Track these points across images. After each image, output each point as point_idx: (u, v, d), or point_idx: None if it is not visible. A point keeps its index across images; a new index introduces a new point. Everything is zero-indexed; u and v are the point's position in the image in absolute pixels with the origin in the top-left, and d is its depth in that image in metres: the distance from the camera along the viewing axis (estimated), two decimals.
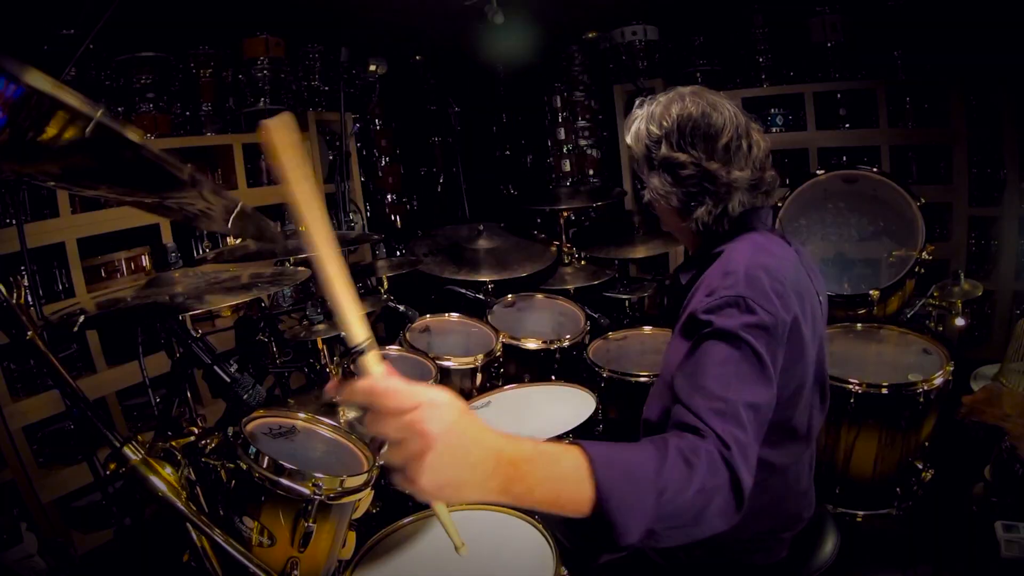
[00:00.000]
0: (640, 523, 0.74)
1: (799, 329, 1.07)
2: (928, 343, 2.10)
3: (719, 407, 0.88)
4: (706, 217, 1.22)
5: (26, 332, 0.85)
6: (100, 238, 2.34)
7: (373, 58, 3.12)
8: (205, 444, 1.23)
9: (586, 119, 3.71)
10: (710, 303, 1.02)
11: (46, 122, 0.53)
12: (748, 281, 1.03)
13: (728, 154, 1.18)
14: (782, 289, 1.05)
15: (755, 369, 0.95)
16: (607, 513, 0.72)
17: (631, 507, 0.73)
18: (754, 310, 0.99)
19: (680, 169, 1.19)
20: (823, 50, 3.11)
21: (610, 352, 2.37)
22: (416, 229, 3.81)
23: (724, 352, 0.95)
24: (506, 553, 1.29)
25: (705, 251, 1.25)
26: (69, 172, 0.68)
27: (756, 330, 0.97)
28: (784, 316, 1.02)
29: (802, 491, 1.28)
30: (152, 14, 2.47)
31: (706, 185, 1.19)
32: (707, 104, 1.19)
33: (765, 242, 1.19)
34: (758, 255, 1.12)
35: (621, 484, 0.73)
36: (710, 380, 0.92)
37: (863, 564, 1.95)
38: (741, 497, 0.82)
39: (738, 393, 0.90)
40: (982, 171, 2.88)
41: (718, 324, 0.97)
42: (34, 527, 2.00)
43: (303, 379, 2.42)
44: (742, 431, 0.87)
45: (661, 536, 0.77)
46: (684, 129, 1.18)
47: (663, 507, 0.75)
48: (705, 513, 0.79)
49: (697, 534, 0.80)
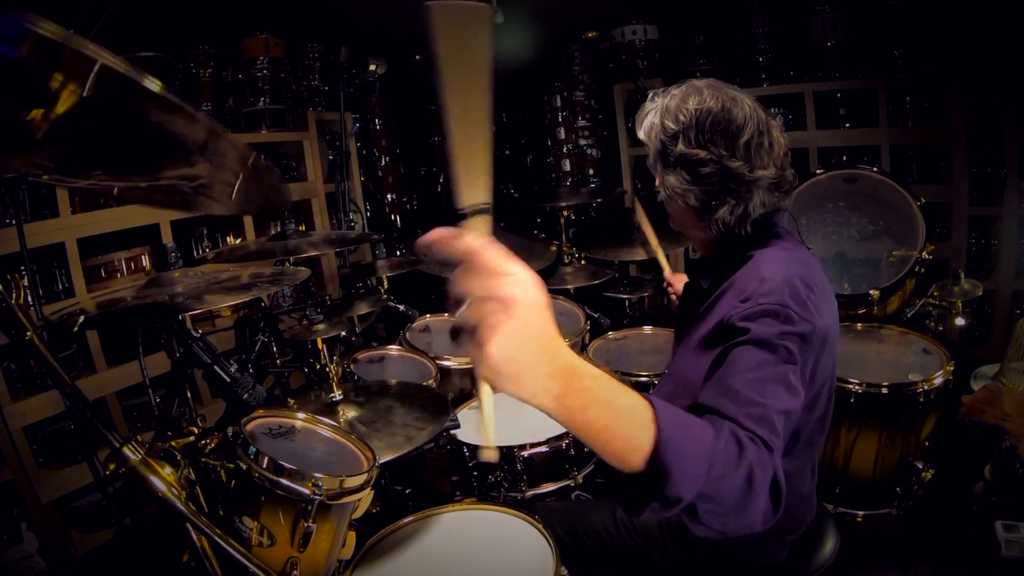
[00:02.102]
0: (693, 481, 0.72)
1: (829, 337, 1.06)
2: (928, 343, 2.10)
3: (756, 412, 0.85)
4: (727, 217, 1.17)
5: (26, 332, 0.85)
6: (100, 238, 2.34)
7: (373, 58, 3.12)
8: (205, 444, 1.22)
9: (586, 119, 3.71)
10: (747, 311, 0.99)
11: (49, 74, 0.52)
12: (787, 290, 1.01)
13: (750, 152, 1.12)
14: (817, 299, 1.04)
15: (788, 376, 0.93)
16: (664, 460, 0.69)
17: (687, 463, 0.71)
18: (793, 320, 0.97)
19: (700, 167, 1.14)
20: (823, 50, 3.11)
21: (610, 352, 2.37)
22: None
23: (760, 358, 0.93)
24: (506, 553, 1.29)
25: (728, 254, 1.21)
26: (61, 158, 0.67)
27: (793, 338, 0.95)
28: (820, 324, 1.01)
29: (805, 495, 1.28)
30: (152, 14, 2.47)
31: (728, 184, 1.13)
32: (727, 98, 1.14)
33: (794, 248, 1.17)
34: (792, 263, 1.09)
35: (681, 438, 0.71)
36: (746, 386, 0.89)
37: (863, 564, 1.95)
38: (779, 500, 0.80)
39: (773, 399, 0.88)
40: (982, 171, 2.87)
41: (755, 332, 0.95)
42: (34, 527, 2.00)
43: (303, 379, 2.42)
44: (777, 437, 0.85)
45: (703, 514, 0.75)
46: (703, 124, 1.13)
47: (712, 479, 0.73)
48: (748, 505, 0.77)
49: (735, 526, 0.77)
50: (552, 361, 0.62)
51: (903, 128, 2.99)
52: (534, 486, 1.76)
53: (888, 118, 2.97)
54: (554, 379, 0.63)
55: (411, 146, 3.99)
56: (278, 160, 3.14)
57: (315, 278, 3.14)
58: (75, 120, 0.57)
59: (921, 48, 2.92)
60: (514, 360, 0.59)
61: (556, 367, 0.63)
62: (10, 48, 0.49)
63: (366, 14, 3.05)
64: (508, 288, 0.58)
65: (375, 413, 1.69)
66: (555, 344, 0.63)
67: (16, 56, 0.49)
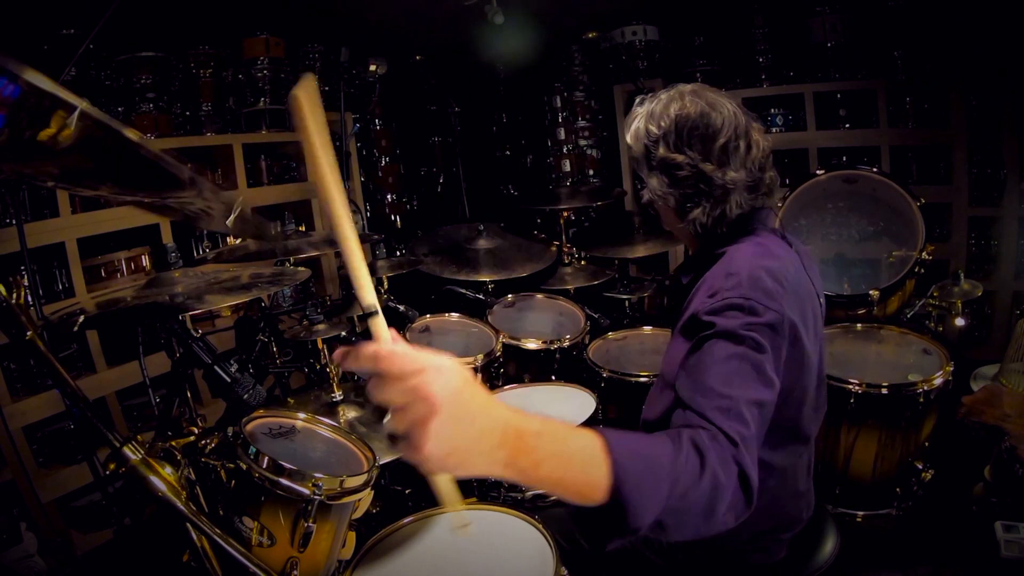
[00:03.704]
0: (654, 507, 0.73)
1: (800, 331, 1.07)
2: (928, 343, 2.10)
3: (723, 405, 0.87)
4: (703, 218, 1.21)
5: (26, 332, 0.85)
6: (100, 238, 2.34)
7: (373, 58, 3.12)
8: (205, 444, 1.23)
9: (586, 119, 3.71)
10: (713, 304, 1.02)
11: (45, 122, 0.53)
12: (751, 282, 1.03)
13: (725, 155, 1.16)
14: (783, 290, 1.05)
15: (757, 367, 0.94)
16: (622, 494, 0.70)
17: (646, 490, 0.72)
18: (757, 311, 0.99)
19: (676, 170, 1.18)
20: (823, 50, 3.11)
21: (610, 352, 2.37)
22: (416, 229, 3.81)
23: (727, 350, 0.95)
24: (506, 553, 1.29)
25: (705, 252, 1.24)
26: (69, 172, 0.68)
27: (761, 328, 0.97)
28: (788, 315, 1.02)
29: (801, 492, 1.28)
30: (152, 14, 2.47)
31: (701, 187, 1.18)
32: (706, 104, 1.18)
33: (767, 243, 1.18)
34: (760, 257, 1.12)
35: (637, 466, 0.72)
36: (713, 379, 0.91)
37: (863, 564, 1.95)
38: (750, 493, 0.82)
39: (741, 391, 0.90)
40: (982, 171, 2.88)
41: (721, 325, 0.97)
42: (34, 527, 2.00)
43: (303, 379, 2.42)
44: (746, 428, 0.86)
45: (671, 528, 0.76)
46: (682, 130, 1.17)
47: (675, 497, 0.74)
48: (716, 508, 0.78)
49: (707, 530, 0.79)
50: (492, 435, 0.63)
51: (903, 129, 2.99)
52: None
53: (888, 119, 2.98)
54: (500, 449, 0.63)
55: (411, 146, 4.00)
56: (278, 160, 3.14)
57: (315, 278, 3.14)
58: (79, 147, 0.58)
59: (921, 49, 2.92)
60: (455, 451, 0.60)
61: (497, 439, 0.63)
62: (15, 87, 0.49)
63: (366, 14, 3.05)
64: (425, 388, 0.59)
65: (375, 413, 1.69)
66: (490, 417, 0.63)
67: (18, 95, 0.50)
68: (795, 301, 1.08)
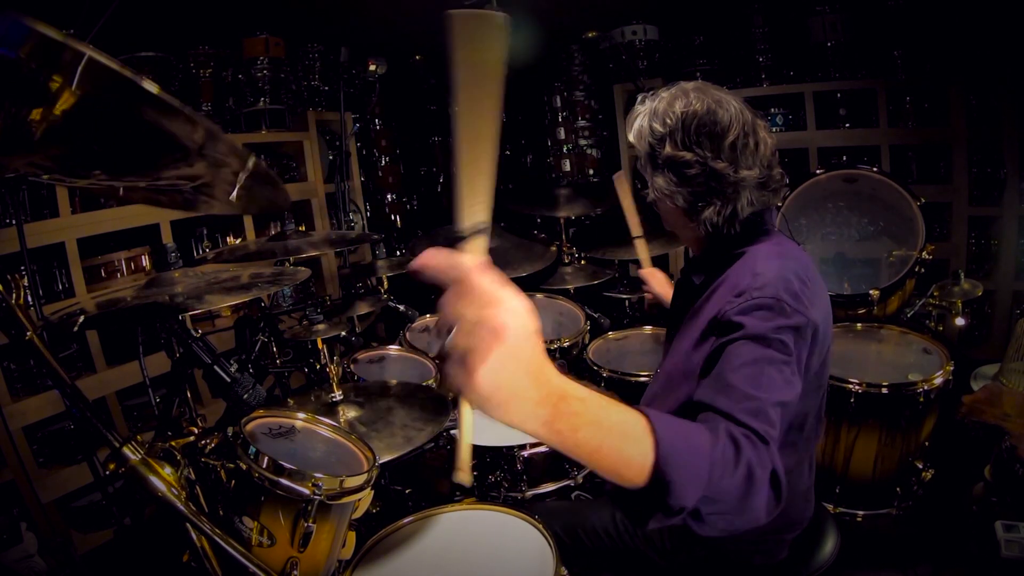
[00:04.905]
0: (695, 489, 0.72)
1: (822, 331, 1.08)
2: (928, 343, 2.10)
3: (751, 406, 0.86)
4: (715, 218, 1.19)
5: (26, 332, 0.85)
6: (100, 238, 2.34)
7: (373, 58, 3.12)
8: (205, 444, 1.22)
9: (586, 119, 3.71)
10: (742, 305, 1.01)
11: (42, 94, 0.52)
12: (780, 283, 1.03)
13: (735, 152, 1.15)
14: (809, 292, 1.05)
15: (784, 368, 0.94)
16: (666, 471, 0.70)
17: (690, 471, 0.72)
18: (787, 312, 0.98)
19: (685, 168, 1.16)
20: (823, 50, 3.10)
21: (610, 352, 2.37)
22: (416, 229, 3.82)
23: (756, 352, 0.94)
24: (506, 553, 1.29)
25: (719, 252, 1.22)
26: (61, 158, 0.67)
27: (788, 331, 0.97)
28: (813, 317, 1.02)
29: (802, 492, 1.28)
30: (152, 14, 2.47)
31: (713, 185, 1.16)
32: (712, 100, 1.16)
33: (785, 244, 1.19)
34: (784, 257, 1.11)
35: (680, 446, 0.72)
36: (741, 380, 0.90)
37: (863, 564, 1.95)
38: (780, 490, 0.81)
39: (768, 392, 0.89)
40: (982, 171, 2.87)
41: (750, 326, 0.96)
42: (34, 527, 2.00)
43: (303, 379, 2.42)
44: (773, 428, 0.86)
45: (707, 518, 0.75)
46: (689, 127, 1.15)
47: (714, 482, 0.74)
48: (750, 500, 0.77)
49: (741, 522, 0.78)
50: (540, 388, 0.62)
51: (903, 128, 2.99)
52: (534, 486, 1.76)
53: (888, 118, 2.97)
54: (542, 406, 0.62)
55: (411, 146, 3.99)
56: (278, 160, 3.14)
57: (315, 278, 3.14)
58: (74, 120, 0.58)
59: (921, 48, 2.92)
60: (503, 388, 0.59)
61: (544, 394, 0.62)
62: (9, 50, 0.49)
63: (366, 14, 3.05)
64: (500, 316, 0.58)
65: (375, 413, 1.69)
66: (544, 371, 0.63)
67: (15, 57, 0.49)
68: (819, 302, 1.08)
